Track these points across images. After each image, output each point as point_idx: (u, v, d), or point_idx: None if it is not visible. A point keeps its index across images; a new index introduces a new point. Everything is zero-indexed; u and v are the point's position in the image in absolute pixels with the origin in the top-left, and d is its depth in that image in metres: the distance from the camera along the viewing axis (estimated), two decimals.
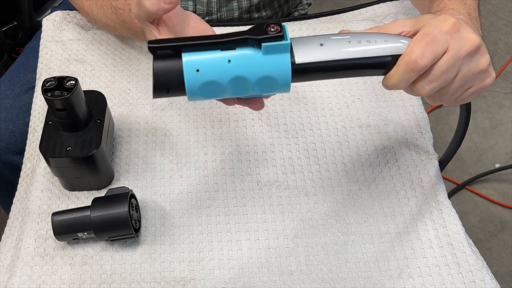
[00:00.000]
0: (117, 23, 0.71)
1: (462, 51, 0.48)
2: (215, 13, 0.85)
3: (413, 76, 0.48)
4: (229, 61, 0.47)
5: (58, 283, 0.60)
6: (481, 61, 0.49)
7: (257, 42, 0.47)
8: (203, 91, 0.48)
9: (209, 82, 0.47)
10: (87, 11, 0.76)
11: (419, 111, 0.74)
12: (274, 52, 0.47)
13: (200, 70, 0.47)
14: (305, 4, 0.99)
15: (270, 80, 0.48)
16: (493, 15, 1.91)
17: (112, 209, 0.60)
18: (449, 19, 0.48)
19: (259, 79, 0.48)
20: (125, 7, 0.68)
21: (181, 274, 0.61)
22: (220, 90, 0.48)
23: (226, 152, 0.71)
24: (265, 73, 0.48)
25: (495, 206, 1.47)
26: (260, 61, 0.47)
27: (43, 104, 0.75)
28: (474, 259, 0.62)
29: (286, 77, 0.48)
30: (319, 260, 0.62)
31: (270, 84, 0.48)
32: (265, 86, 0.49)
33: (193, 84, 0.47)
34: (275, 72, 0.48)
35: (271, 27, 0.46)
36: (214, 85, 0.48)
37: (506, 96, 1.70)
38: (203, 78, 0.47)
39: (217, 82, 0.47)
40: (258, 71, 0.47)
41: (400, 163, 0.69)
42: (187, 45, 0.47)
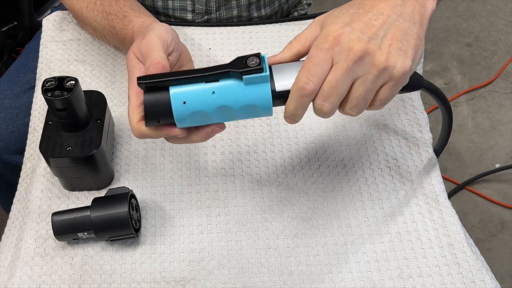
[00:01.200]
0: (106, 28, 0.71)
1: (346, 62, 0.49)
2: (214, 12, 0.85)
3: (306, 101, 0.51)
4: (213, 93, 0.51)
5: (58, 283, 0.60)
6: (375, 61, 0.49)
7: (239, 74, 0.50)
8: (191, 120, 0.52)
9: (196, 112, 0.51)
10: (77, 13, 0.76)
11: (419, 111, 0.74)
12: (255, 83, 0.50)
13: (187, 102, 0.51)
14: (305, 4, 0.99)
15: (252, 108, 0.51)
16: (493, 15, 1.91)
17: (112, 209, 0.60)
18: (329, 35, 0.49)
19: (242, 107, 0.51)
20: (119, 14, 0.68)
21: (181, 274, 0.61)
22: (207, 118, 0.52)
23: (226, 152, 0.71)
24: (248, 102, 0.51)
25: (495, 206, 1.47)
26: (242, 92, 0.51)
27: (43, 104, 0.75)
28: (474, 259, 0.62)
29: (267, 105, 0.51)
30: (319, 260, 0.62)
31: (253, 111, 0.52)
32: (248, 113, 0.52)
33: (181, 115, 0.51)
34: (257, 100, 0.51)
35: (251, 59, 0.50)
36: (201, 114, 0.51)
37: (506, 96, 1.70)
38: (190, 109, 0.51)
39: (203, 112, 0.51)
40: (240, 101, 0.51)
41: (400, 163, 0.69)
42: (173, 80, 0.51)
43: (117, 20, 0.68)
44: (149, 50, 0.56)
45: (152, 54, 0.56)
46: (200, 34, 0.82)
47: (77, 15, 0.77)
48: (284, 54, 0.54)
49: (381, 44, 0.49)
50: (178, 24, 0.84)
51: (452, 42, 1.85)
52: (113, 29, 0.69)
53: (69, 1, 0.76)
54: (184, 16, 0.85)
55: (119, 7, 0.69)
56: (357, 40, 0.49)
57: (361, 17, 0.50)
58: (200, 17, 0.85)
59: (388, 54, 0.49)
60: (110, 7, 0.70)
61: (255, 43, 0.81)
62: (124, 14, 0.68)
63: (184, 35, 0.81)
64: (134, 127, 0.54)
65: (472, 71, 1.77)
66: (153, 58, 0.55)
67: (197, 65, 0.78)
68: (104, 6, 0.70)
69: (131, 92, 0.55)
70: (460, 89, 1.72)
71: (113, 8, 0.69)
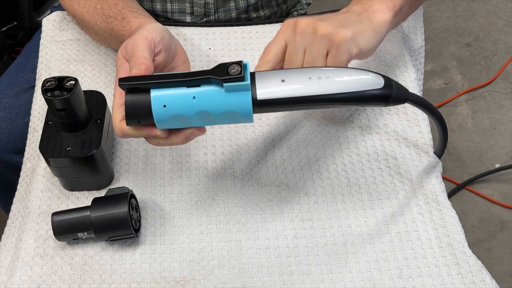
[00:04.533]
0: (106, 31, 0.71)
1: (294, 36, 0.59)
2: (212, 14, 0.85)
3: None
4: (194, 98, 0.51)
5: (58, 283, 0.60)
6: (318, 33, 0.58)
7: (220, 81, 0.50)
8: (171, 122, 0.52)
9: (176, 115, 0.52)
10: (79, 18, 0.76)
11: (419, 111, 0.74)
12: (236, 91, 0.51)
13: (167, 105, 0.51)
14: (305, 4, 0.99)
15: (232, 114, 0.52)
16: (493, 15, 1.91)
17: (112, 209, 0.60)
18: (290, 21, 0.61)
19: (222, 113, 0.52)
20: (117, 16, 0.69)
21: (181, 274, 0.61)
22: (187, 121, 0.53)
23: (226, 152, 0.71)
24: (228, 109, 0.51)
25: (495, 206, 1.47)
26: (223, 99, 0.51)
27: (43, 104, 0.75)
28: (474, 260, 0.62)
29: (247, 112, 0.52)
30: (319, 260, 0.62)
31: (234, 117, 0.52)
32: (229, 119, 0.53)
33: (161, 117, 0.52)
34: (237, 108, 0.51)
35: (232, 67, 0.50)
36: (180, 118, 0.52)
37: (506, 96, 1.70)
38: (170, 112, 0.51)
39: (183, 116, 0.52)
40: (221, 107, 0.51)
41: (400, 163, 0.69)
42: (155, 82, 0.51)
43: (116, 22, 0.68)
44: (134, 50, 0.56)
45: (136, 54, 0.56)
46: (200, 34, 0.82)
47: (79, 21, 0.77)
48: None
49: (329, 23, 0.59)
50: (178, 24, 0.84)
51: (452, 42, 1.85)
52: (112, 32, 0.70)
53: (71, 6, 0.76)
54: (183, 19, 0.85)
55: (118, 9, 0.69)
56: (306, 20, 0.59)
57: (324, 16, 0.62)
58: (199, 19, 0.85)
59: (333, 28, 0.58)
60: (109, 10, 0.70)
61: (255, 43, 0.81)
62: (122, 16, 0.68)
63: (184, 35, 0.81)
64: (117, 126, 0.54)
65: (472, 71, 1.77)
66: (137, 58, 0.55)
67: (197, 65, 0.78)
68: (104, 9, 0.70)
69: (116, 92, 0.55)
70: (460, 89, 1.72)
71: (112, 11, 0.70)
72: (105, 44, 0.76)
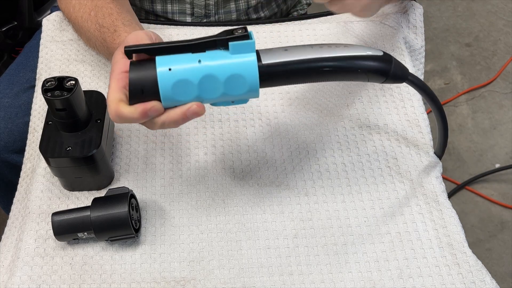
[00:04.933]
0: (98, 40, 0.71)
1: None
2: (213, 15, 0.85)
3: None
4: (199, 61, 0.51)
5: (58, 283, 0.60)
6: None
7: (225, 42, 0.50)
8: (176, 91, 0.51)
9: (181, 81, 0.50)
10: (73, 22, 0.77)
11: (419, 111, 0.74)
12: (241, 52, 0.51)
13: (172, 69, 0.50)
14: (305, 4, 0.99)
15: (239, 79, 0.51)
16: (493, 15, 1.91)
17: (112, 209, 0.60)
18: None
19: (228, 77, 0.51)
20: (110, 28, 0.68)
21: (181, 274, 0.61)
22: (192, 90, 0.51)
23: (226, 152, 0.71)
24: (234, 71, 0.51)
25: (495, 206, 1.47)
26: (228, 60, 0.51)
27: (43, 104, 0.75)
28: (474, 260, 0.62)
29: (253, 76, 0.51)
30: (319, 260, 0.62)
31: (239, 84, 0.51)
32: (234, 86, 0.52)
33: (166, 82, 0.50)
34: (243, 70, 0.51)
35: (237, 30, 0.51)
36: (186, 84, 0.51)
37: (506, 96, 1.70)
38: (175, 77, 0.50)
39: (189, 81, 0.50)
40: (226, 70, 0.51)
41: (400, 163, 0.69)
42: (160, 48, 0.51)
43: (109, 33, 0.68)
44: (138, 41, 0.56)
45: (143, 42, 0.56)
46: (200, 34, 0.82)
47: (73, 24, 0.77)
48: None
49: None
50: (178, 24, 0.84)
51: (452, 42, 1.85)
52: (104, 42, 0.69)
53: (67, 9, 0.77)
54: (183, 20, 0.85)
55: (111, 20, 0.69)
56: None
57: None
58: (199, 20, 0.86)
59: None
60: (103, 19, 0.69)
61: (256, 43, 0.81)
62: (115, 28, 0.68)
63: (184, 35, 0.81)
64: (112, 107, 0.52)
65: (472, 71, 1.77)
66: None
67: None
68: (98, 17, 0.70)
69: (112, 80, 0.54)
70: (460, 89, 1.72)
71: (105, 20, 0.69)
72: (96, 50, 0.76)
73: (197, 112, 0.52)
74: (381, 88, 0.76)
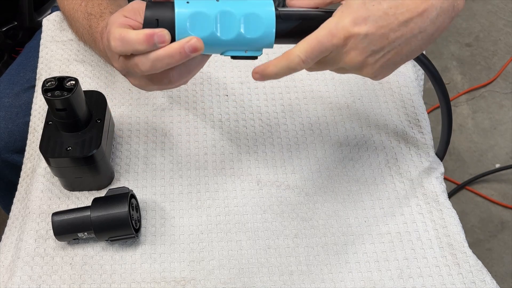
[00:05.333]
0: (85, 28, 0.71)
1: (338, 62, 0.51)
2: None
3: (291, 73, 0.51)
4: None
5: (58, 283, 0.60)
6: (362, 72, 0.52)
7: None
8: (192, 23, 0.49)
9: (198, 13, 0.49)
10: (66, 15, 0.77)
11: (419, 111, 0.74)
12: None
13: (190, 1, 0.49)
14: None
15: (255, 20, 0.50)
16: (493, 15, 1.91)
17: (112, 209, 0.60)
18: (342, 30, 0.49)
19: (245, 15, 0.50)
20: (97, 14, 0.69)
21: (181, 274, 0.61)
22: (208, 25, 0.50)
23: (226, 152, 0.71)
24: (251, 10, 0.50)
25: (495, 206, 1.47)
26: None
27: (43, 104, 0.75)
28: (475, 260, 0.62)
29: (270, 16, 0.51)
30: (319, 260, 0.62)
31: (255, 26, 0.51)
32: (250, 26, 0.51)
33: (183, 14, 0.49)
34: (260, 9, 0.51)
35: None
36: (202, 18, 0.49)
37: (506, 96, 1.70)
38: (193, 8, 0.49)
39: (206, 14, 0.50)
40: (244, 7, 0.50)
41: (400, 163, 0.69)
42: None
43: (94, 20, 0.68)
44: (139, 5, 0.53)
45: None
46: None
47: (66, 17, 0.78)
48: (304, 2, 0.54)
49: (379, 60, 0.50)
50: None
51: (452, 42, 1.85)
52: (90, 29, 0.69)
53: (62, 3, 0.77)
54: None
55: (100, 9, 0.69)
56: (361, 51, 0.49)
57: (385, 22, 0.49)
58: None
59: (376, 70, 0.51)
60: (92, 8, 0.70)
61: None
62: (100, 14, 0.68)
63: None
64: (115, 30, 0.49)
65: (472, 71, 1.77)
66: None
67: None
68: (87, 7, 0.70)
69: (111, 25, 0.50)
70: (460, 89, 1.72)
71: (94, 9, 0.70)
72: (83, 41, 0.76)
73: (195, 47, 0.48)
74: (381, 88, 0.76)
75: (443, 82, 0.59)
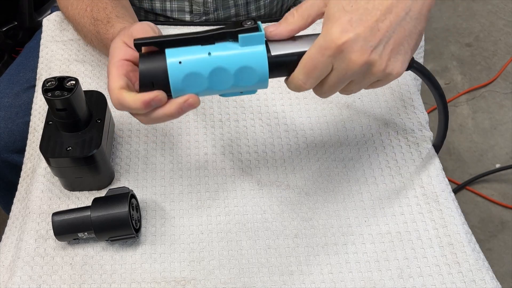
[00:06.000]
0: (93, 34, 0.71)
1: (346, 70, 0.50)
2: (212, 12, 0.85)
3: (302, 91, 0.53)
4: (209, 54, 0.50)
5: (58, 283, 0.60)
6: (374, 70, 0.51)
7: (234, 34, 0.50)
8: (186, 83, 0.50)
9: (191, 73, 0.50)
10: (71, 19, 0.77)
11: (419, 111, 0.74)
12: (251, 44, 0.50)
13: (182, 62, 0.50)
14: None
15: (248, 71, 0.51)
16: (493, 15, 1.91)
17: (113, 209, 0.60)
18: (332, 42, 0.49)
19: (238, 69, 0.50)
20: (104, 19, 0.69)
21: (181, 274, 0.61)
22: (202, 82, 0.51)
23: (226, 152, 0.71)
24: (244, 63, 0.50)
25: (495, 206, 1.47)
26: (238, 52, 0.50)
27: (44, 104, 0.75)
28: (475, 259, 0.62)
29: (263, 67, 0.51)
30: (320, 260, 0.62)
31: (249, 76, 0.51)
32: (244, 78, 0.51)
33: (176, 76, 0.50)
34: (253, 62, 0.51)
35: (246, 22, 0.50)
36: (196, 77, 0.50)
37: (506, 96, 1.70)
38: (186, 70, 0.50)
39: (199, 74, 0.50)
40: (236, 62, 0.50)
41: (401, 163, 0.69)
42: (169, 41, 0.50)
43: (102, 25, 0.69)
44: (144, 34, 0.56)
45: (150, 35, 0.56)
46: None
47: (72, 22, 0.78)
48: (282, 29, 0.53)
49: (383, 52, 0.50)
50: (177, 24, 0.84)
51: (452, 42, 1.85)
52: (98, 34, 0.70)
53: (65, 8, 0.77)
54: (182, 17, 0.85)
55: (105, 13, 0.70)
56: (360, 51, 0.49)
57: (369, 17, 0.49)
58: (198, 18, 0.86)
59: (387, 62, 0.51)
60: (98, 13, 0.70)
61: None
62: (108, 20, 0.68)
63: None
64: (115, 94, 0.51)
65: (472, 71, 1.77)
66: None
67: None
68: (93, 12, 0.71)
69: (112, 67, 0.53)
70: (460, 89, 1.72)
71: (100, 14, 0.70)
72: (92, 46, 0.76)
73: (193, 104, 0.51)
74: (381, 88, 0.76)
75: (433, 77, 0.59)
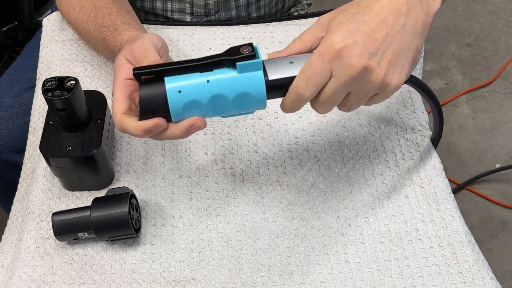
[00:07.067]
0: (98, 40, 0.71)
1: (345, 76, 0.50)
2: (213, 14, 0.85)
3: (302, 103, 0.53)
4: (208, 81, 0.51)
5: (58, 283, 0.60)
6: (372, 78, 0.51)
7: (232, 62, 0.51)
8: (186, 110, 0.52)
9: (191, 101, 0.51)
10: (73, 24, 0.77)
11: (419, 111, 0.74)
12: (248, 70, 0.51)
13: (182, 91, 0.51)
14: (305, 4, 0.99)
15: (247, 97, 0.52)
16: (493, 15, 1.91)
17: (113, 209, 0.60)
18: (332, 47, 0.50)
19: (236, 96, 0.52)
20: (110, 27, 0.69)
21: (181, 274, 0.61)
22: (202, 109, 0.52)
23: (226, 152, 0.71)
24: (242, 90, 0.52)
25: (495, 206, 1.47)
26: (236, 79, 0.51)
27: (44, 104, 0.75)
28: (474, 259, 0.62)
29: (261, 93, 0.52)
30: (319, 260, 0.62)
31: (247, 101, 0.52)
32: (243, 103, 0.53)
33: (176, 104, 0.51)
34: (251, 88, 0.52)
35: (244, 48, 0.51)
36: (195, 105, 0.52)
37: (506, 96, 1.70)
38: (185, 98, 0.51)
39: (198, 101, 0.52)
40: (235, 89, 0.51)
41: (401, 163, 0.69)
42: (168, 69, 0.51)
43: (108, 32, 0.69)
44: (144, 52, 0.57)
45: (148, 55, 0.56)
46: (200, 34, 0.82)
47: (74, 26, 0.78)
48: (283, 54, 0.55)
49: (381, 61, 0.51)
50: (178, 24, 0.84)
51: (452, 42, 1.85)
52: (104, 41, 0.70)
53: (67, 12, 0.77)
54: (183, 18, 0.85)
55: (111, 20, 0.70)
56: (359, 56, 0.50)
57: (365, 27, 0.51)
58: (199, 19, 0.86)
59: (386, 72, 0.51)
60: (103, 20, 0.70)
61: (255, 43, 0.81)
62: (114, 27, 0.69)
63: (184, 35, 0.81)
64: (117, 119, 0.53)
65: (472, 71, 1.77)
66: (150, 59, 0.56)
67: None
68: (98, 18, 0.71)
69: (116, 87, 0.54)
70: (460, 89, 1.72)
71: (105, 20, 0.70)
72: (97, 51, 0.77)
73: (199, 127, 0.53)
74: None
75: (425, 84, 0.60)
